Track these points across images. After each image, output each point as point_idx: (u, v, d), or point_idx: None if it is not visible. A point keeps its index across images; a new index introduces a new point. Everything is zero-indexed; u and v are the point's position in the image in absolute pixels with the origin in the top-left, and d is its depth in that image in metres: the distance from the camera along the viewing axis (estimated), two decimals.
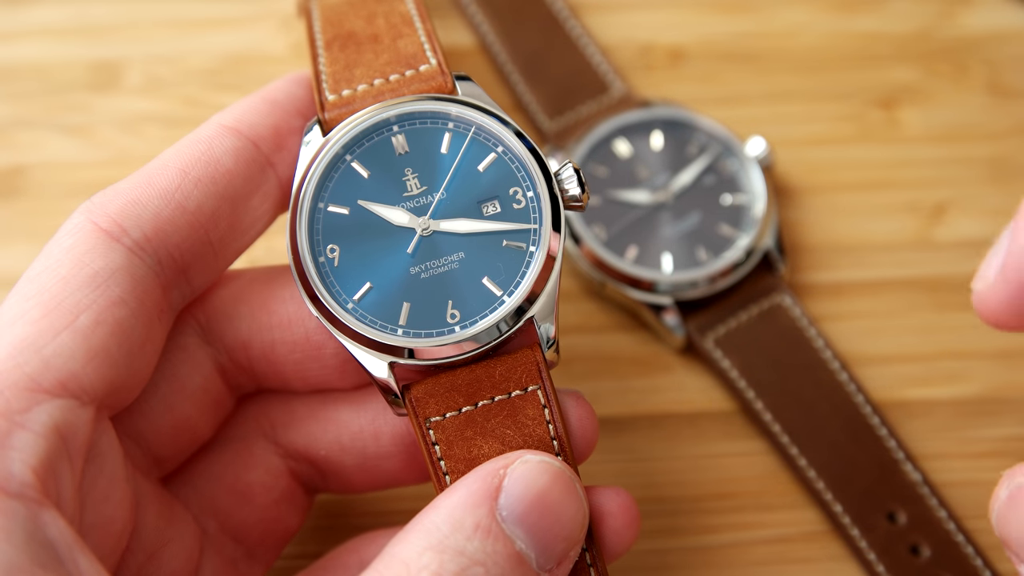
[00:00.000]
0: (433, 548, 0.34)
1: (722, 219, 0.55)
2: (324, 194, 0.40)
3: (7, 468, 0.32)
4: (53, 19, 0.62)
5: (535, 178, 0.41)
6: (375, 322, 0.39)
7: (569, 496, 0.36)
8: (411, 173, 0.41)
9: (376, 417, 0.42)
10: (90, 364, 0.35)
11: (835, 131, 0.60)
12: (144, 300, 0.37)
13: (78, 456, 0.34)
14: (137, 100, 0.60)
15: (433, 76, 0.42)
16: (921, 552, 0.48)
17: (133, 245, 0.37)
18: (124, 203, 0.38)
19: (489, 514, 0.35)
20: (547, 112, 0.59)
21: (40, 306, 0.35)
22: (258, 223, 0.41)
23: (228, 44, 0.62)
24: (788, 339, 0.53)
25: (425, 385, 0.39)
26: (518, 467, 0.36)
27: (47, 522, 0.32)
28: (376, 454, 0.42)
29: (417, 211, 0.40)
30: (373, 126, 0.41)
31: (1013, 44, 0.61)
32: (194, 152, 0.39)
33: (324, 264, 0.40)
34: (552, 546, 0.36)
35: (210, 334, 0.41)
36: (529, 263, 0.40)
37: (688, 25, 0.63)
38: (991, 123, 0.59)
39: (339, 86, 0.42)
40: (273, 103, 0.42)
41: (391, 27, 0.43)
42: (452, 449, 0.38)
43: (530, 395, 0.39)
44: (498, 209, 0.40)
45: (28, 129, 0.59)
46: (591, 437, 0.40)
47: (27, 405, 0.33)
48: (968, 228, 0.57)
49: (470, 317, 0.39)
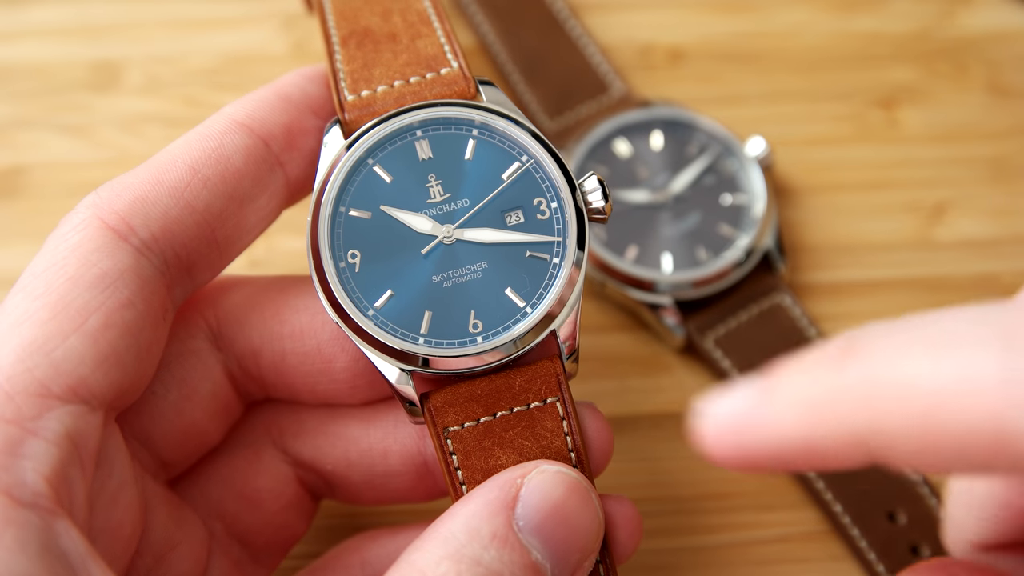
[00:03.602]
0: (450, 557, 0.34)
1: (722, 219, 0.55)
2: (346, 198, 0.40)
3: (20, 477, 0.31)
4: (53, 19, 0.62)
5: (559, 189, 0.40)
6: (396, 330, 0.38)
7: (585, 507, 0.36)
8: (434, 179, 0.40)
9: (386, 435, 0.41)
10: (99, 368, 0.34)
11: (835, 131, 0.60)
12: (151, 301, 0.37)
13: (89, 462, 0.34)
14: (137, 100, 0.60)
15: (456, 80, 0.41)
16: (921, 552, 0.48)
17: (141, 245, 0.37)
18: (132, 200, 0.37)
19: (506, 523, 0.35)
20: (547, 112, 0.59)
21: (48, 307, 0.34)
22: (263, 222, 0.41)
23: (228, 44, 0.62)
24: (788, 339, 0.53)
25: (444, 394, 0.39)
26: (535, 477, 0.36)
27: (60, 532, 0.31)
28: (384, 472, 0.42)
29: (440, 218, 0.40)
30: (396, 131, 0.40)
31: (1013, 44, 0.61)
32: (204, 148, 0.38)
33: (345, 269, 0.39)
34: (568, 557, 0.36)
35: (221, 340, 0.41)
36: (554, 276, 0.39)
37: (688, 25, 0.63)
38: (991, 123, 0.59)
39: (358, 86, 0.41)
40: (286, 100, 0.40)
41: (408, 25, 0.42)
42: (469, 459, 0.38)
43: (549, 407, 0.39)
44: (521, 219, 0.40)
45: (28, 129, 0.59)
46: (607, 449, 0.40)
47: (38, 411, 0.33)
48: (968, 228, 0.57)
49: (492, 328, 0.39)
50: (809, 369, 0.28)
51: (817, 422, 0.28)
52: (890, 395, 0.26)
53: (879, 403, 0.26)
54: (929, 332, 0.26)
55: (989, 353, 0.25)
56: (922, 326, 0.27)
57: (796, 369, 0.29)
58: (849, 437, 0.27)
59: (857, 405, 0.27)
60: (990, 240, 0.56)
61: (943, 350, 0.26)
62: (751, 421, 0.29)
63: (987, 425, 0.25)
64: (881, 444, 0.27)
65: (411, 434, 0.41)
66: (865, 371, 0.27)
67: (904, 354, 0.26)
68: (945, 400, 0.25)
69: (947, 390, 0.25)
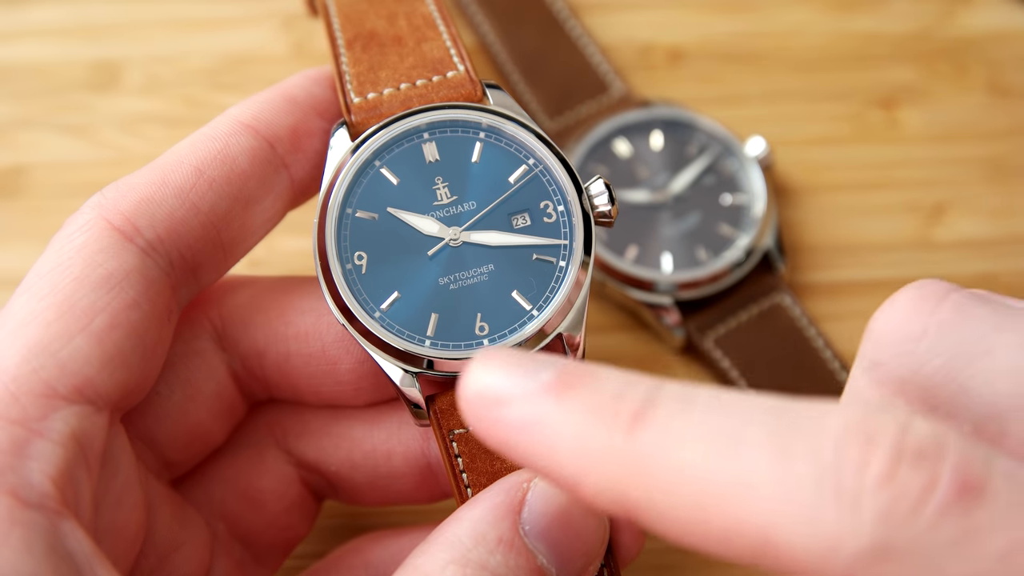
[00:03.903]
0: (456, 561, 0.34)
1: (722, 219, 0.55)
2: (352, 199, 0.40)
3: (26, 478, 0.31)
4: (53, 19, 0.62)
5: (566, 192, 0.40)
6: (402, 332, 0.38)
7: (590, 512, 0.36)
8: (441, 182, 0.40)
9: (389, 437, 0.41)
10: (105, 369, 0.34)
11: (835, 131, 0.60)
12: (156, 302, 0.36)
13: (94, 463, 0.34)
14: (137, 100, 0.60)
15: (462, 83, 0.41)
16: None
17: (146, 246, 0.37)
18: (138, 200, 0.37)
19: (512, 528, 0.35)
20: (547, 112, 0.59)
21: (53, 307, 0.34)
22: (268, 223, 0.41)
23: (228, 44, 0.62)
24: (788, 339, 0.53)
25: (450, 397, 0.39)
26: (541, 481, 0.36)
27: (66, 533, 0.31)
28: (388, 474, 0.42)
29: (447, 221, 0.40)
30: (403, 133, 0.40)
31: (1013, 44, 0.62)
32: (210, 149, 0.38)
33: (351, 271, 0.39)
34: (573, 561, 0.36)
35: (225, 340, 0.41)
36: (560, 279, 0.39)
37: (688, 25, 0.63)
38: (991, 123, 0.59)
39: (364, 88, 0.41)
40: (292, 101, 0.40)
41: (414, 29, 0.42)
42: (475, 462, 0.38)
43: None
44: (528, 222, 0.40)
45: (28, 129, 0.59)
46: None
47: (44, 412, 0.33)
48: (967, 228, 0.57)
49: (499, 331, 0.39)
50: (602, 411, 0.27)
51: (590, 471, 0.27)
52: (669, 479, 0.26)
53: (655, 483, 0.26)
54: (718, 423, 0.26)
55: (763, 456, 0.25)
56: (714, 413, 0.26)
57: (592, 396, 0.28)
58: (615, 497, 0.27)
59: (634, 477, 0.27)
60: (989, 240, 0.56)
61: (726, 446, 0.26)
62: (525, 417, 0.28)
63: (753, 526, 0.25)
64: (648, 517, 0.27)
65: (415, 436, 0.41)
66: (651, 447, 0.26)
67: (691, 438, 0.26)
68: (717, 495, 0.25)
69: (722, 485, 0.25)
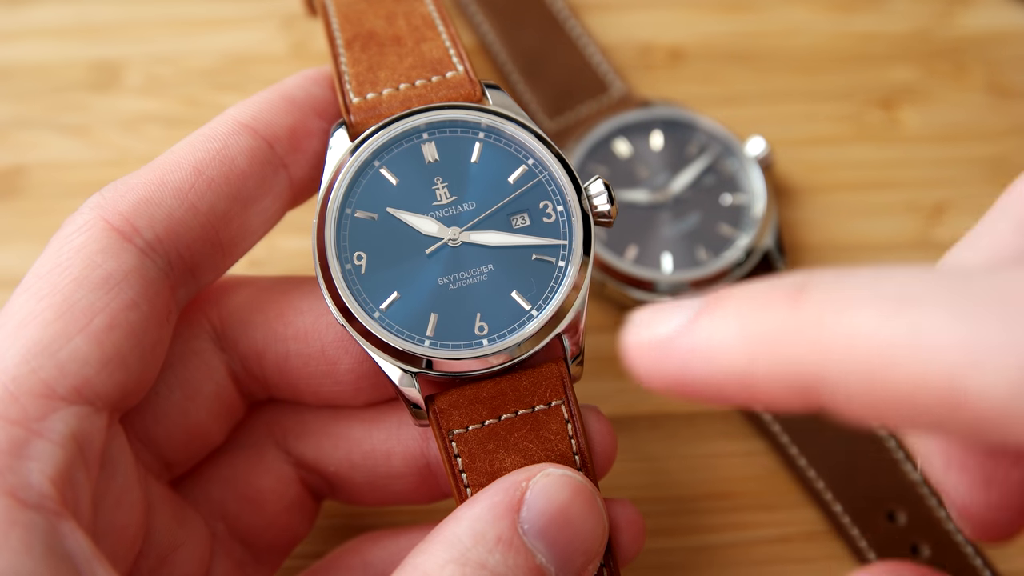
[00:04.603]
0: (455, 561, 0.34)
1: (722, 219, 0.55)
2: (352, 200, 0.40)
3: (25, 479, 0.31)
4: (53, 19, 0.62)
5: (566, 192, 0.40)
6: (402, 332, 0.38)
7: (590, 511, 0.36)
8: (440, 182, 0.40)
9: (388, 437, 0.41)
10: (104, 369, 0.34)
11: (834, 131, 0.60)
12: (155, 302, 0.37)
13: (94, 463, 0.34)
14: (137, 100, 0.60)
15: (461, 84, 0.41)
16: (921, 552, 0.48)
17: (145, 246, 0.37)
18: (136, 201, 0.37)
19: (511, 527, 0.35)
20: (547, 112, 0.59)
21: (53, 308, 0.34)
22: (267, 223, 0.41)
23: (228, 44, 0.62)
24: None
25: (449, 397, 0.39)
26: (540, 480, 0.36)
27: (66, 533, 0.31)
28: (387, 474, 0.42)
29: (446, 221, 0.40)
30: (403, 133, 0.40)
31: (1013, 44, 0.62)
32: (209, 149, 0.38)
33: (351, 271, 0.39)
34: (572, 560, 0.36)
35: (224, 340, 0.41)
36: (560, 279, 0.39)
37: (688, 25, 0.63)
38: (990, 123, 0.59)
39: (363, 88, 0.41)
40: (291, 101, 0.40)
41: (413, 29, 0.42)
42: (474, 462, 0.38)
43: (554, 410, 0.39)
44: (527, 222, 0.40)
45: (28, 129, 0.59)
46: (611, 453, 0.40)
47: (43, 413, 0.33)
48: (967, 228, 0.56)
49: (498, 331, 0.38)
50: (758, 299, 0.27)
51: (760, 357, 0.26)
52: (843, 345, 0.25)
53: (830, 351, 0.25)
54: (886, 286, 0.25)
55: (947, 314, 0.24)
56: (877, 279, 0.26)
57: (743, 296, 0.27)
58: (792, 379, 0.26)
59: (806, 348, 0.25)
60: None
61: (898, 304, 0.25)
62: (687, 343, 0.27)
63: (940, 378, 0.24)
64: (828, 392, 0.26)
65: (414, 436, 0.41)
66: (819, 316, 0.26)
67: (862, 305, 0.25)
68: (902, 356, 0.24)
69: (905, 346, 0.24)
